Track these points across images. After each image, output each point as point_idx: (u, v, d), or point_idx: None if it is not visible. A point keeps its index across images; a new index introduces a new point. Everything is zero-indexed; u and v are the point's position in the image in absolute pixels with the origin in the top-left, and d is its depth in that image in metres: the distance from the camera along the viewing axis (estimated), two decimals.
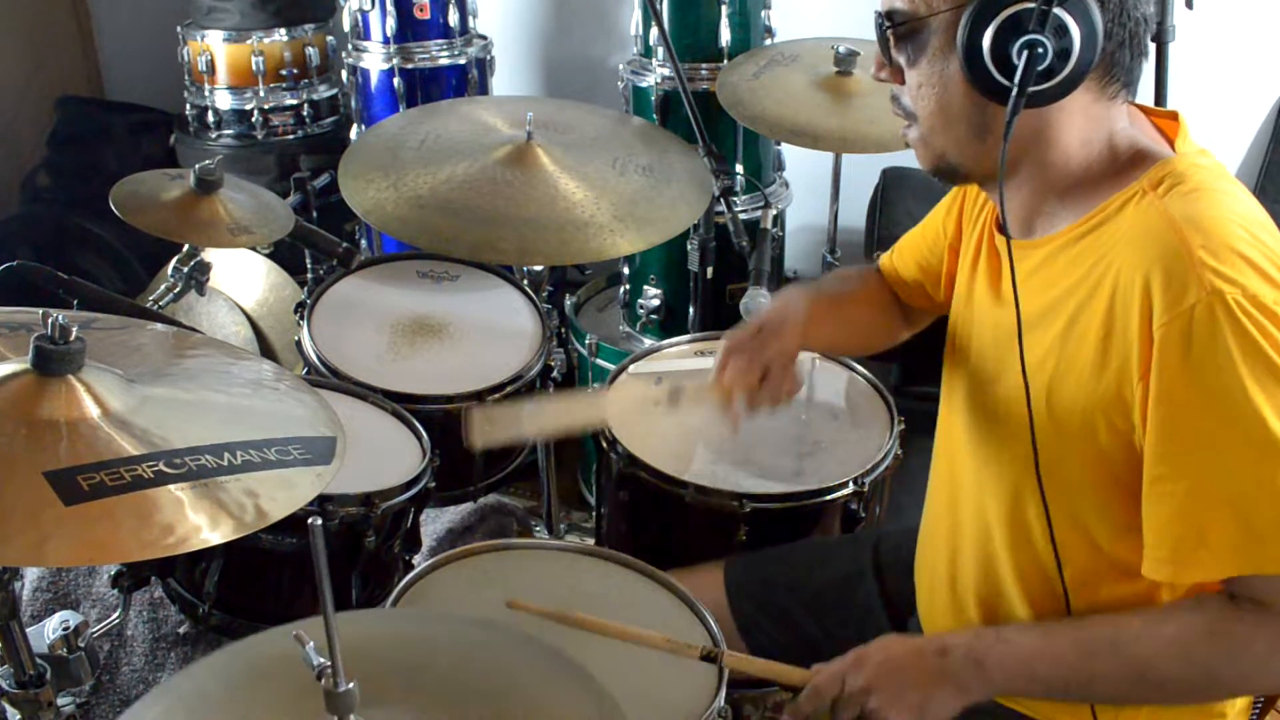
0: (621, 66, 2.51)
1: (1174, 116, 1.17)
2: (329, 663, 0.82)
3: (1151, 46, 1.16)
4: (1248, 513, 1.00)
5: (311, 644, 0.84)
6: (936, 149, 1.16)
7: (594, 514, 2.05)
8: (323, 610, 0.80)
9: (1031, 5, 1.02)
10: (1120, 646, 1.08)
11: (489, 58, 2.81)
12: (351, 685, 0.83)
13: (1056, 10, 1.01)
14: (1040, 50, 1.02)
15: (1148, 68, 2.22)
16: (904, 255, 1.53)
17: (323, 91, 3.08)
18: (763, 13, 2.40)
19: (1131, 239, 1.05)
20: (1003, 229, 1.15)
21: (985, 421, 1.25)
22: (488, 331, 2.02)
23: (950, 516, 1.33)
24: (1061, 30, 1.02)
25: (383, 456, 1.68)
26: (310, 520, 0.79)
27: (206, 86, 2.99)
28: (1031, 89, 1.04)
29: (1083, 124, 1.11)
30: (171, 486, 0.99)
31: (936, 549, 1.36)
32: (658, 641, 1.20)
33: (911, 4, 1.10)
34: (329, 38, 3.06)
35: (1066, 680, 1.11)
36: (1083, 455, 1.11)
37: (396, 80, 2.64)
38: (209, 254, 2.04)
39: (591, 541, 2.15)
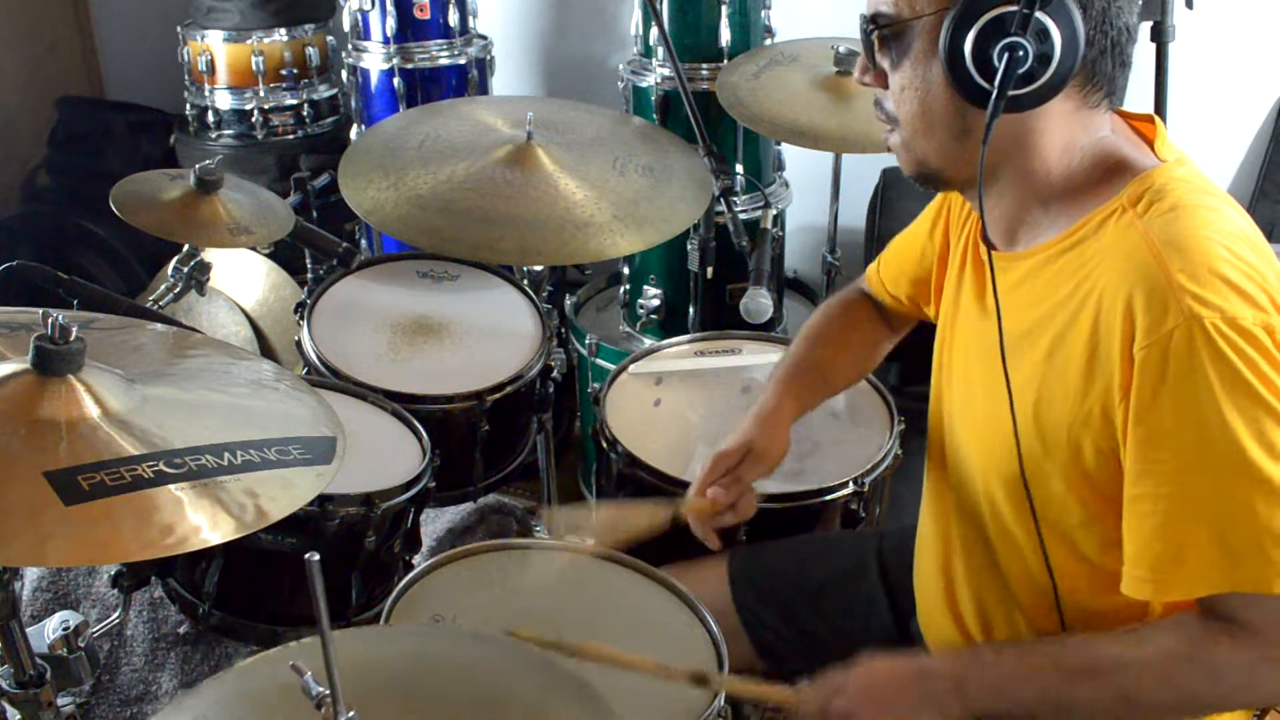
0: (621, 66, 2.50)
1: (1150, 120, 1.17)
2: (328, 691, 0.82)
3: (1142, 53, 1.16)
4: (1224, 532, 1.01)
5: (310, 674, 0.83)
6: (918, 154, 1.16)
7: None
8: (321, 640, 0.80)
9: (1014, 9, 1.02)
10: (1100, 669, 1.09)
11: (489, 58, 2.81)
12: (352, 714, 0.82)
13: (1038, 14, 1.02)
14: (1021, 53, 1.02)
15: (1148, 68, 2.23)
16: (892, 269, 1.52)
17: (323, 91, 3.08)
18: (763, 13, 2.40)
19: (1113, 260, 1.06)
20: (985, 237, 1.16)
21: (974, 434, 1.26)
22: (488, 331, 2.02)
23: (943, 527, 1.34)
24: (1043, 34, 1.02)
25: (383, 456, 1.68)
26: (307, 556, 0.78)
27: (206, 86, 2.99)
28: (1012, 93, 1.04)
29: (1064, 132, 1.11)
30: (171, 486, 0.99)
31: (931, 558, 1.37)
32: (648, 666, 1.20)
33: (895, 7, 1.10)
34: (329, 38, 3.06)
35: (1046, 701, 1.11)
36: (1069, 471, 1.11)
37: (396, 80, 2.64)
38: (209, 254, 2.04)
39: (592, 542, 2.15)
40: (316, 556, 0.77)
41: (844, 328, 1.59)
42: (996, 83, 1.04)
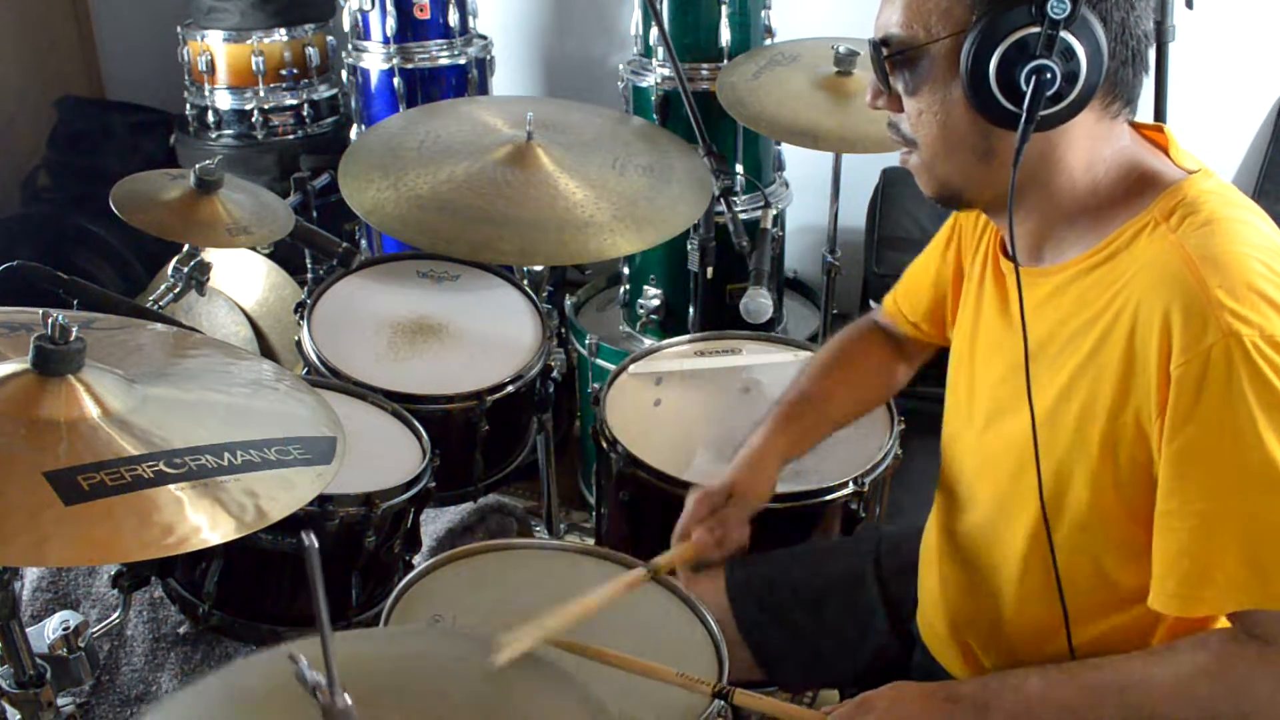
0: (621, 66, 2.50)
1: (1160, 129, 1.16)
2: (324, 679, 0.81)
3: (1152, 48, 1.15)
4: (1255, 550, 1.00)
5: (305, 660, 0.83)
6: (940, 175, 1.14)
7: (594, 514, 2.05)
8: (319, 627, 0.79)
9: (1036, 30, 1.00)
10: (1124, 690, 1.08)
11: (489, 58, 2.81)
12: (347, 697, 0.82)
13: (1062, 34, 1.00)
14: (1049, 75, 1.00)
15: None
16: (910, 297, 1.50)
17: (323, 91, 3.08)
18: (763, 13, 2.40)
19: (1148, 274, 1.04)
20: (1010, 254, 1.14)
21: (997, 448, 1.24)
22: (488, 332, 2.02)
23: (950, 535, 1.33)
24: (1068, 53, 1.01)
25: (383, 456, 1.68)
26: (303, 535, 0.77)
27: (206, 86, 2.99)
28: (1039, 114, 1.03)
29: (1087, 145, 1.10)
30: (171, 486, 0.99)
31: (935, 565, 1.36)
32: (669, 676, 1.19)
33: (909, 31, 1.08)
34: (329, 38, 3.06)
35: None
36: (1102, 486, 1.10)
37: (396, 80, 2.64)
38: (209, 254, 2.04)
39: (591, 541, 2.15)
40: (315, 540, 0.77)
41: (851, 359, 1.56)
42: (1025, 108, 1.02)
